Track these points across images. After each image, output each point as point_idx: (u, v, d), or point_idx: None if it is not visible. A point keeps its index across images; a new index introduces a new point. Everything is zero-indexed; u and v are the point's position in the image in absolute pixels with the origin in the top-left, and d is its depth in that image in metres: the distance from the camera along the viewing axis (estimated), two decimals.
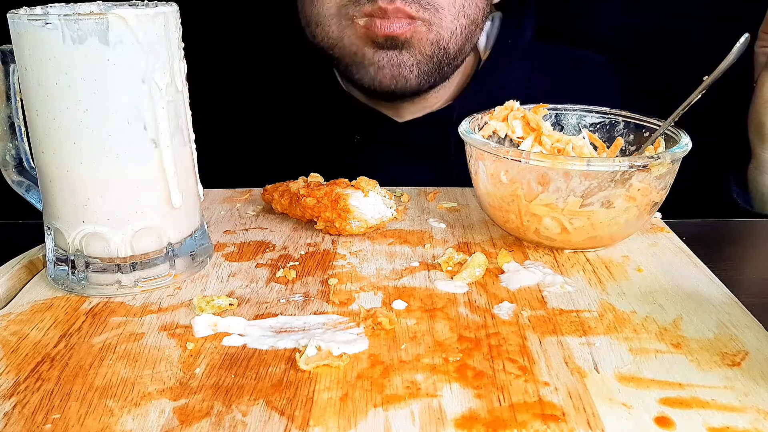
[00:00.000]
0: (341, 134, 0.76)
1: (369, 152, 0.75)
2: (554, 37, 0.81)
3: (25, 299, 0.43)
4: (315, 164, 0.61)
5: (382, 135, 0.76)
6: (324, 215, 0.51)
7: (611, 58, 0.82)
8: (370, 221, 0.51)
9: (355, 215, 0.50)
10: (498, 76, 0.76)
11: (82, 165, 0.41)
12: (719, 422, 0.31)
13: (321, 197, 0.51)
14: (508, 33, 0.78)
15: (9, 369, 0.36)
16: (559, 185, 0.46)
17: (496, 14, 0.81)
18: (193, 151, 0.46)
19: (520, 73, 0.76)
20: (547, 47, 0.81)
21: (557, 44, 0.82)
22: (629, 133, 0.55)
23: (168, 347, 0.38)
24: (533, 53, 0.79)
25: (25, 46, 0.39)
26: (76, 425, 0.32)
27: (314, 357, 0.36)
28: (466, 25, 0.68)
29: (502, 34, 0.79)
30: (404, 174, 0.66)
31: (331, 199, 0.51)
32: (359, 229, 0.51)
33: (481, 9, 0.69)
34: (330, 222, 0.51)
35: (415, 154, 0.75)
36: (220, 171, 0.57)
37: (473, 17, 0.68)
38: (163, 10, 0.41)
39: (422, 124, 0.75)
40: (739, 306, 0.42)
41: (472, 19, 0.68)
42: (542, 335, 0.38)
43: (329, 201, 0.51)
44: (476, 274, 0.45)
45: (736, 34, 0.46)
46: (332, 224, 0.51)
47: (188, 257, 0.46)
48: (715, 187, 0.73)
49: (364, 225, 0.51)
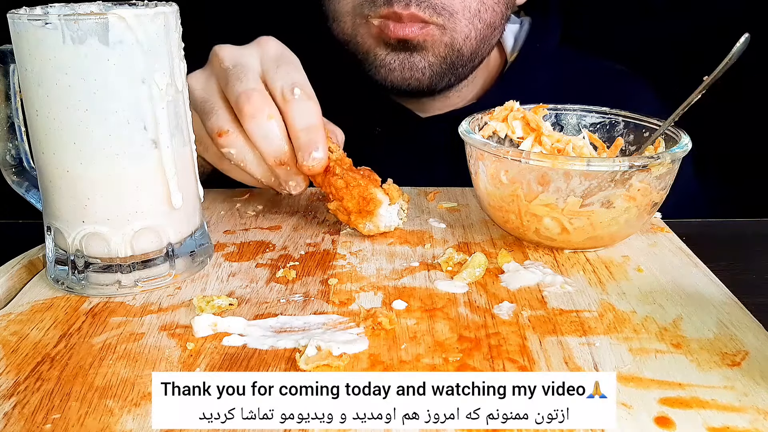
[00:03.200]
0: (362, 125, 0.75)
1: (388, 145, 0.75)
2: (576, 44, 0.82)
3: (25, 299, 0.43)
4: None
5: (403, 129, 0.76)
6: (345, 203, 0.50)
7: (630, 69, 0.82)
8: (381, 228, 0.51)
9: (373, 219, 0.50)
10: (524, 78, 0.76)
11: (82, 165, 0.41)
12: (719, 422, 0.31)
13: (352, 186, 0.50)
14: (536, 37, 0.79)
15: (9, 369, 0.36)
16: (559, 185, 0.46)
17: (526, 19, 0.82)
18: (193, 151, 0.46)
19: (545, 77, 0.76)
20: (572, 54, 0.81)
21: (582, 52, 0.82)
22: (629, 133, 0.55)
23: (168, 347, 0.38)
24: (559, 59, 0.79)
25: (25, 46, 0.39)
26: (76, 425, 0.32)
27: (314, 357, 0.36)
28: (481, 29, 0.68)
29: (530, 38, 0.79)
30: (421, 168, 0.66)
31: (363, 196, 0.49)
32: (369, 232, 0.50)
33: (498, 13, 0.69)
34: (346, 212, 0.50)
35: (433, 150, 0.75)
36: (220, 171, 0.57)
37: (489, 21, 0.68)
38: (163, 10, 0.41)
39: (443, 121, 0.75)
40: (739, 306, 0.42)
41: (488, 23, 0.68)
42: (542, 335, 0.38)
43: (359, 196, 0.49)
44: (476, 274, 0.45)
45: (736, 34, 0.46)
46: (347, 214, 0.50)
47: (188, 257, 0.46)
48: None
49: (375, 230, 0.50)
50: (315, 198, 0.60)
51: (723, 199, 0.88)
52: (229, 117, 0.50)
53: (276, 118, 0.49)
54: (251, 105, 0.48)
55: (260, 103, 0.48)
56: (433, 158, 0.75)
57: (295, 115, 0.49)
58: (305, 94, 0.50)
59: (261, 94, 0.49)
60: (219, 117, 0.50)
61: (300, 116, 0.49)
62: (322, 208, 0.58)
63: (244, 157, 0.50)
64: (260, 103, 0.48)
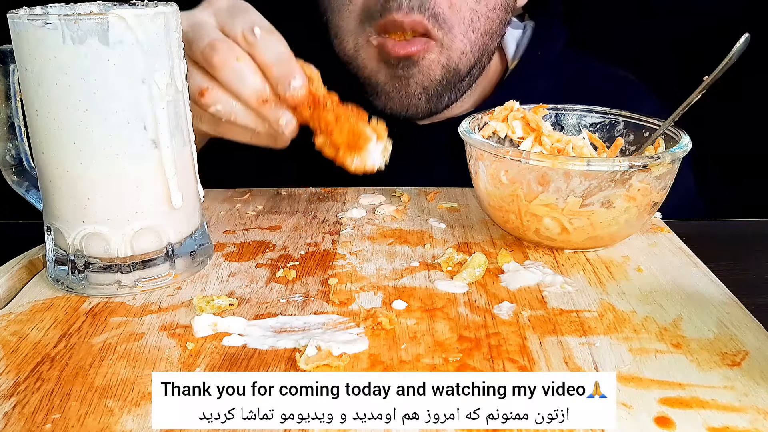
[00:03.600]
0: None
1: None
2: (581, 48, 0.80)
3: (25, 299, 0.43)
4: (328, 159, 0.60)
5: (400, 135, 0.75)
6: (335, 138, 0.49)
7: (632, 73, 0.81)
8: (368, 165, 0.50)
9: (361, 155, 0.49)
10: (524, 86, 0.74)
11: (82, 165, 0.41)
12: (719, 422, 0.31)
13: (342, 120, 0.49)
14: (538, 44, 0.77)
15: (9, 369, 0.36)
16: (559, 185, 0.46)
17: (529, 23, 0.80)
18: (193, 152, 0.46)
19: (547, 85, 0.74)
20: (576, 60, 0.79)
21: (586, 58, 0.80)
22: (629, 133, 0.55)
23: (168, 347, 0.38)
24: (562, 65, 0.77)
25: (25, 46, 0.39)
26: (76, 425, 0.32)
27: (314, 357, 0.36)
28: (475, 40, 0.66)
29: (532, 44, 0.77)
30: (419, 175, 0.66)
31: (353, 131, 0.49)
32: (356, 168, 0.49)
33: (494, 20, 0.68)
34: (334, 147, 0.50)
35: (431, 156, 0.74)
36: (220, 171, 0.57)
37: (484, 29, 0.67)
38: (163, 10, 0.41)
39: (441, 128, 0.74)
40: (739, 306, 0.42)
41: (482, 31, 0.67)
42: (542, 335, 0.38)
43: (349, 131, 0.49)
44: (476, 274, 0.45)
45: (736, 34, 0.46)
46: (335, 149, 0.50)
47: (188, 257, 0.46)
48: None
49: (361, 167, 0.50)
50: (315, 198, 0.60)
51: (723, 199, 0.88)
52: (204, 76, 0.49)
53: (244, 59, 0.49)
54: (218, 55, 0.48)
55: (225, 50, 0.48)
56: (431, 164, 0.74)
57: (263, 52, 0.49)
58: (266, 30, 0.49)
59: (223, 42, 0.49)
60: (194, 78, 0.49)
61: (267, 51, 0.49)
62: (322, 207, 0.58)
63: (232, 108, 0.50)
64: (225, 50, 0.48)
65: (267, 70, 0.49)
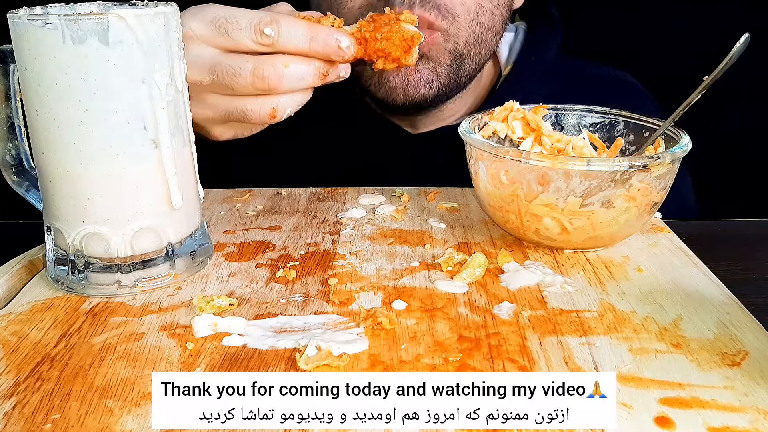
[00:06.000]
0: (353, 143, 0.74)
1: (380, 162, 0.73)
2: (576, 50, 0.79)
3: (25, 299, 0.43)
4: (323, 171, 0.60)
5: (395, 146, 0.75)
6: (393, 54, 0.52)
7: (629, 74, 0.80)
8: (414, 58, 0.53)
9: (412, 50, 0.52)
10: (518, 92, 0.72)
11: (82, 165, 0.41)
12: (719, 422, 0.31)
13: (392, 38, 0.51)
14: (532, 49, 0.76)
15: (9, 369, 0.36)
16: (559, 185, 0.46)
17: (520, 25, 0.78)
18: (193, 152, 0.46)
19: (542, 91, 0.72)
20: (572, 64, 0.78)
21: (582, 61, 0.79)
22: (629, 133, 0.55)
23: (168, 347, 0.38)
24: (557, 71, 0.76)
25: (25, 46, 0.39)
26: (76, 425, 0.32)
27: (314, 357, 0.36)
28: (479, 33, 0.66)
29: (525, 48, 0.76)
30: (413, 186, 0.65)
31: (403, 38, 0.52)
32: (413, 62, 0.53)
33: (498, 17, 0.67)
34: (394, 60, 0.52)
35: (426, 166, 0.73)
36: (220, 171, 0.57)
37: (487, 25, 0.67)
38: (163, 10, 0.41)
39: (436, 137, 0.73)
40: (739, 306, 0.42)
41: (486, 27, 0.66)
42: (542, 335, 0.38)
43: (401, 40, 0.52)
44: (476, 274, 0.45)
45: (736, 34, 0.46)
46: (395, 61, 0.52)
47: (188, 257, 0.46)
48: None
49: (413, 62, 0.53)
50: (315, 198, 0.60)
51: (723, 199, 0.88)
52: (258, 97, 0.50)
53: (284, 60, 0.49)
54: (270, 77, 0.48)
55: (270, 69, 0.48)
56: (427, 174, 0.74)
57: (291, 41, 0.48)
58: (270, 22, 0.48)
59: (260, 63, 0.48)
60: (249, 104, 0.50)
61: (293, 38, 0.48)
62: (322, 207, 0.58)
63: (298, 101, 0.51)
64: (271, 69, 0.48)
65: (308, 54, 0.49)
